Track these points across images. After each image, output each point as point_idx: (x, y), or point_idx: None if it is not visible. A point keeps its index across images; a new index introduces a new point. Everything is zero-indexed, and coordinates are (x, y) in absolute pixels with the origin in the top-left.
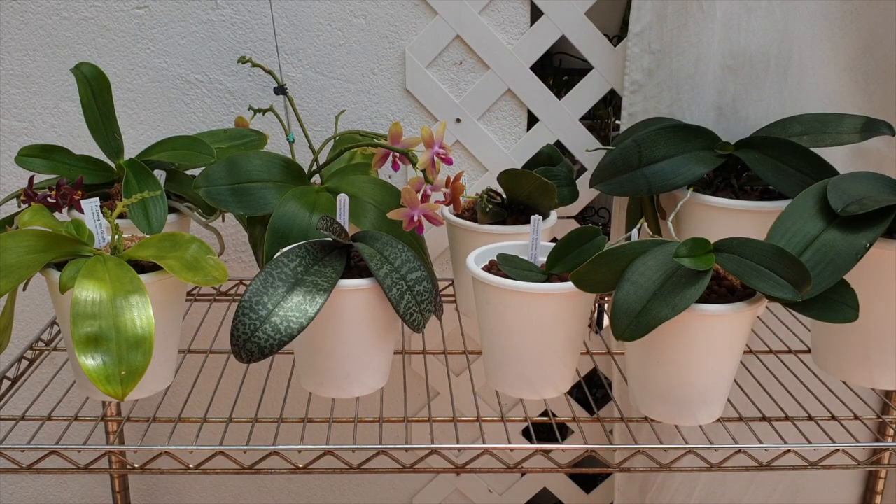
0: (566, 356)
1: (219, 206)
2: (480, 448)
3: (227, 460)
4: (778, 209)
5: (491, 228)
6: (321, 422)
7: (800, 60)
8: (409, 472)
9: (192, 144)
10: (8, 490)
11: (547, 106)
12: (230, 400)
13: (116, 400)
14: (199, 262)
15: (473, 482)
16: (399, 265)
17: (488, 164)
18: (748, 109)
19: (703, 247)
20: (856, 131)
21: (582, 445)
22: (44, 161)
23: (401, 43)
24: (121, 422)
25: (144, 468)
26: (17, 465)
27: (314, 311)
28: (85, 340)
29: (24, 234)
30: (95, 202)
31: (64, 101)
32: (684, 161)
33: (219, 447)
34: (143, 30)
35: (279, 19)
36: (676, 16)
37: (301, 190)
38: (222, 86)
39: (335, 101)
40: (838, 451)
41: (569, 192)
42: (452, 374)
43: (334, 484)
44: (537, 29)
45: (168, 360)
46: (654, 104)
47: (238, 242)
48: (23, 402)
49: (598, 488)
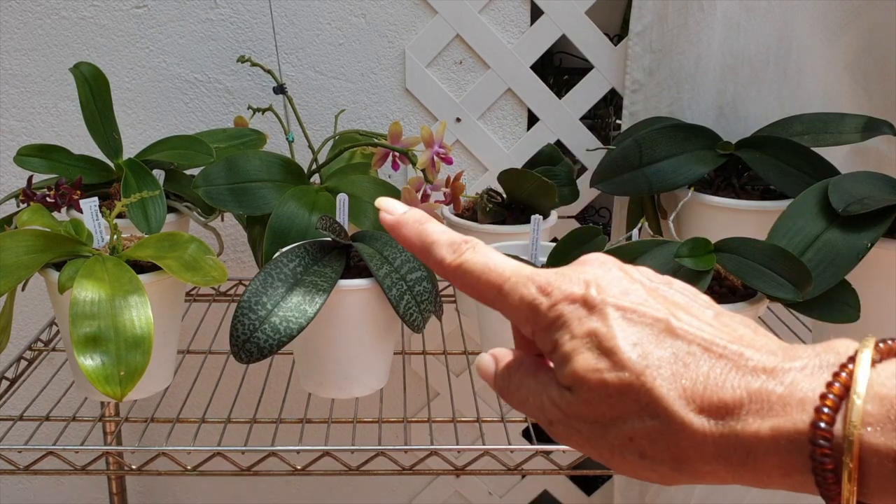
0: None
1: (218, 206)
2: (480, 449)
3: (226, 461)
4: (779, 209)
5: (491, 228)
6: (320, 422)
7: (799, 60)
8: (409, 473)
9: (191, 144)
10: (5, 491)
11: (547, 105)
12: (229, 400)
13: (115, 400)
14: (198, 262)
15: (473, 484)
16: (399, 265)
17: (488, 163)
18: (748, 109)
19: (704, 247)
20: (856, 131)
21: None
22: (43, 161)
23: (401, 42)
24: (119, 422)
25: (142, 469)
26: (15, 465)
27: (314, 311)
28: (84, 340)
29: (22, 233)
30: (94, 202)
31: (63, 101)
32: (685, 161)
33: (217, 448)
34: (142, 29)
35: (278, 18)
36: (677, 15)
37: (300, 190)
38: (221, 85)
39: (335, 100)
40: None
41: (569, 192)
42: (452, 375)
43: (333, 485)
44: (537, 28)
45: (167, 360)
46: (655, 104)
47: (237, 242)
48: (21, 402)
49: (599, 490)
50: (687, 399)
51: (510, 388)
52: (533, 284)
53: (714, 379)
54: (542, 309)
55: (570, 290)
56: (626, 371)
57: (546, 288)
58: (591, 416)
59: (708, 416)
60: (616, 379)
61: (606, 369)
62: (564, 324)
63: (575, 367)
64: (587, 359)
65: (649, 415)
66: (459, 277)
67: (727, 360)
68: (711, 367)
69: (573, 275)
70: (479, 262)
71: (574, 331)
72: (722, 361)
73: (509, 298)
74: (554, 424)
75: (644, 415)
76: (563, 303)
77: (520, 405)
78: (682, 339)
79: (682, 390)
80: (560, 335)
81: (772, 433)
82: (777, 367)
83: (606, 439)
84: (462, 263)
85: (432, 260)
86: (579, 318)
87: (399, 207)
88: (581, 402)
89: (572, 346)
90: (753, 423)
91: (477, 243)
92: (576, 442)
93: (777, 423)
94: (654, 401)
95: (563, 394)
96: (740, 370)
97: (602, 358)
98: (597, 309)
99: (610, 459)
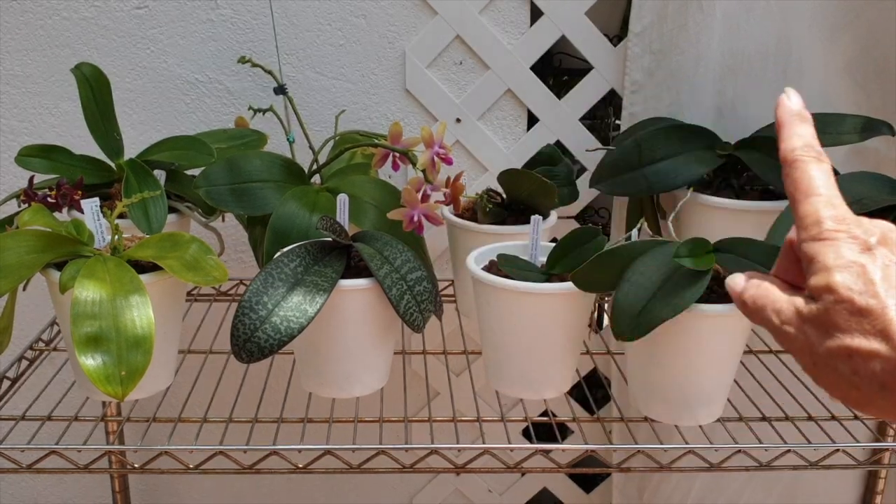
0: (566, 356)
1: (219, 206)
2: (480, 448)
3: (227, 460)
4: (778, 209)
5: (491, 228)
6: (321, 422)
7: (798, 60)
8: (409, 472)
9: (191, 144)
10: (8, 490)
11: (547, 106)
12: (230, 400)
13: (116, 400)
14: (199, 262)
15: (473, 482)
16: (399, 265)
17: (488, 164)
18: (748, 109)
19: (704, 247)
20: (856, 131)
21: (582, 445)
22: (44, 161)
23: (401, 43)
24: (121, 422)
25: (144, 468)
26: (17, 464)
27: (314, 310)
28: (85, 340)
29: (24, 234)
30: (95, 202)
31: (64, 101)
32: (684, 161)
33: (219, 447)
34: (142, 30)
35: (279, 19)
36: (676, 16)
37: (301, 190)
38: (222, 86)
39: (335, 101)
40: (838, 451)
41: (569, 192)
42: (452, 374)
43: (334, 484)
44: (537, 29)
45: (168, 360)
46: (655, 104)
47: (238, 242)
48: (23, 402)
49: (598, 488)
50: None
51: (756, 295)
52: (833, 210)
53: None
54: (825, 225)
55: (856, 233)
56: (875, 299)
57: (840, 219)
58: (825, 324)
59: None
60: (864, 302)
61: (859, 292)
62: (835, 245)
63: (833, 279)
64: (846, 278)
65: (880, 338)
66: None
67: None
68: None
69: (867, 225)
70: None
71: (842, 254)
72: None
73: (809, 205)
74: (784, 326)
75: (873, 337)
76: (844, 234)
77: (756, 312)
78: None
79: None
80: (828, 250)
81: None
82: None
83: (828, 347)
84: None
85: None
86: (851, 248)
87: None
88: (822, 310)
89: (836, 262)
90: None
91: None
92: (797, 346)
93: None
94: (890, 330)
95: (807, 301)
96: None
97: (860, 282)
98: (871, 251)
99: (823, 368)
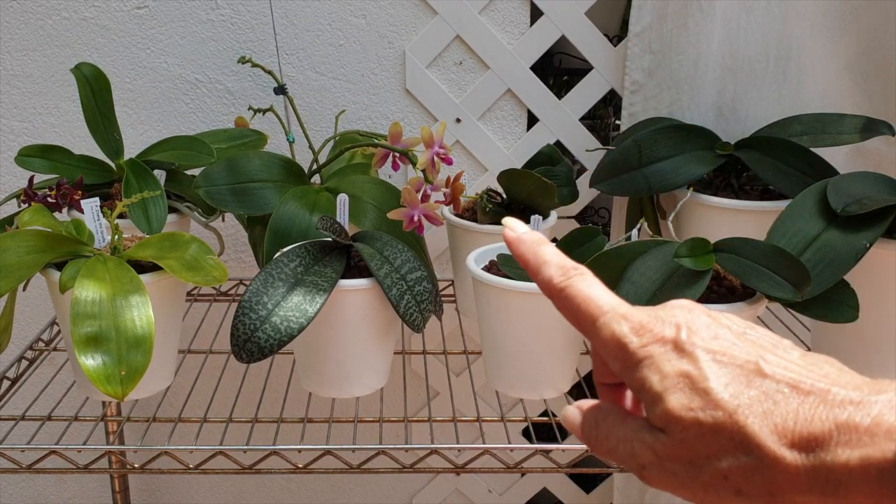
0: (566, 356)
1: (219, 206)
2: (480, 448)
3: (227, 460)
4: (778, 209)
5: (491, 228)
6: (321, 422)
7: (799, 60)
8: (409, 472)
9: (192, 144)
10: (8, 490)
11: (547, 106)
12: (230, 400)
13: (116, 400)
14: (199, 261)
15: (473, 482)
16: (399, 265)
17: (488, 164)
18: (747, 109)
19: (703, 247)
20: (856, 131)
21: (582, 445)
22: (44, 161)
23: (401, 43)
24: (121, 422)
25: (144, 468)
26: (17, 464)
27: (314, 311)
28: (85, 340)
29: (24, 234)
30: (95, 202)
31: (64, 101)
32: (684, 161)
33: (219, 447)
34: (143, 30)
35: (279, 19)
36: (676, 16)
37: (301, 190)
38: (222, 86)
39: (335, 101)
40: None
41: (569, 192)
42: (452, 374)
43: (334, 484)
44: (537, 29)
45: (168, 359)
46: (654, 104)
47: (238, 242)
48: (23, 402)
49: (598, 488)
50: (779, 435)
51: (599, 436)
52: (627, 323)
53: (803, 414)
54: (631, 347)
55: (661, 333)
56: (719, 410)
57: (638, 328)
58: (685, 457)
59: (799, 450)
60: (710, 418)
61: (700, 409)
62: (653, 364)
63: (669, 407)
64: (680, 399)
65: (743, 452)
66: (562, 300)
67: (815, 396)
68: (800, 404)
69: (666, 318)
70: (582, 290)
71: (665, 371)
72: (810, 398)
73: (602, 331)
74: (647, 468)
75: (738, 452)
76: (654, 344)
77: (609, 453)
78: (771, 378)
79: (773, 426)
80: (649, 374)
81: (861, 463)
82: (863, 400)
83: (701, 479)
84: (567, 287)
85: (541, 278)
86: (669, 360)
87: (521, 227)
88: (675, 442)
89: (664, 385)
90: (843, 454)
91: (585, 272)
92: (669, 484)
93: (866, 453)
94: (748, 438)
95: (656, 436)
96: (827, 404)
97: (696, 398)
98: (687, 352)
99: (705, 499)
